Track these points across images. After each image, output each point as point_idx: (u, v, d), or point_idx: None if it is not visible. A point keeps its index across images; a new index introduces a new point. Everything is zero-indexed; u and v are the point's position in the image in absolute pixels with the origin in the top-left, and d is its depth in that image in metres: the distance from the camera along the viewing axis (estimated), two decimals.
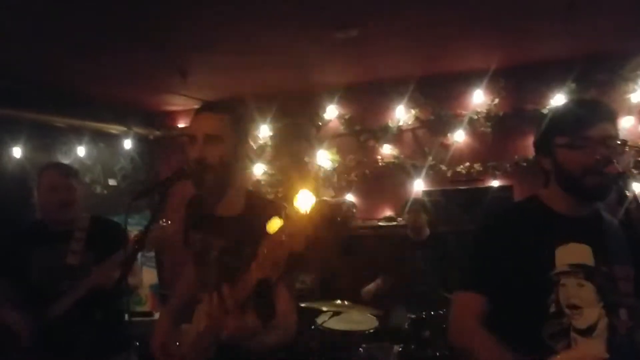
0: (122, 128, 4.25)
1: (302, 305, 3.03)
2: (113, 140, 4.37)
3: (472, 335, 1.27)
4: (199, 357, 1.44)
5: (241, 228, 1.43)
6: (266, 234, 1.12)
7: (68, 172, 2.14)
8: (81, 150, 4.06)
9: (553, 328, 1.23)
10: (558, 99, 3.68)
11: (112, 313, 2.10)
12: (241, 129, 1.50)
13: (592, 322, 1.23)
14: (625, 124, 3.58)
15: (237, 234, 1.43)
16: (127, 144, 4.41)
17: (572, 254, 1.26)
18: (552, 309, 1.23)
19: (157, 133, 4.58)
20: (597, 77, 3.64)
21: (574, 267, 1.25)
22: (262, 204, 1.55)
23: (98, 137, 4.20)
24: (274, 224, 1.08)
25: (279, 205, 1.68)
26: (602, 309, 1.24)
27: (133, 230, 4.56)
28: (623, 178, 1.21)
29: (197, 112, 1.50)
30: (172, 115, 4.86)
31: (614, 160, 1.22)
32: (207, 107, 1.50)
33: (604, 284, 1.25)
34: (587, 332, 1.22)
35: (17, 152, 3.51)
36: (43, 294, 2.02)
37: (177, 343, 1.55)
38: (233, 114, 1.49)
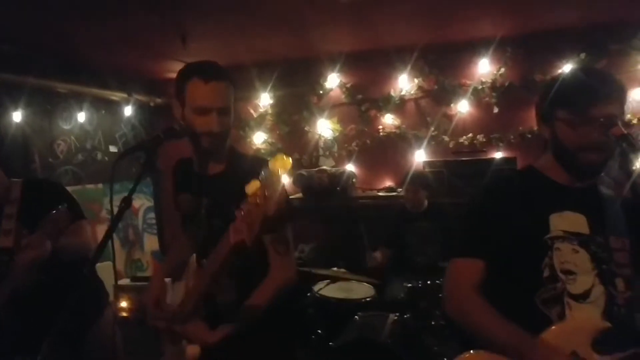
0: (122, 95, 4.21)
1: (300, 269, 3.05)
2: (114, 106, 4.34)
3: (468, 303, 1.26)
4: (188, 314, 1.45)
5: (224, 186, 1.43)
6: (245, 195, 1.10)
7: None
8: (82, 116, 4.04)
9: (547, 293, 1.24)
10: (567, 69, 3.58)
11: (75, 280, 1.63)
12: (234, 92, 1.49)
13: (586, 288, 1.23)
14: (636, 95, 3.48)
15: (221, 192, 1.43)
16: (128, 110, 4.38)
17: (567, 221, 1.27)
18: (546, 273, 1.24)
19: (158, 100, 4.54)
20: (609, 46, 3.51)
21: (568, 234, 1.25)
22: (243, 160, 1.55)
23: (99, 104, 4.17)
24: (253, 186, 1.04)
25: (259, 159, 1.68)
26: (596, 276, 1.24)
27: (140, 197, 4.64)
28: (627, 140, 1.19)
29: (206, 80, 1.42)
30: (173, 83, 4.80)
31: (619, 122, 1.20)
32: (215, 76, 1.43)
33: (599, 252, 1.25)
34: (582, 297, 1.23)
35: (17, 116, 3.50)
36: None
37: (169, 300, 1.58)
38: (232, 80, 1.47)
